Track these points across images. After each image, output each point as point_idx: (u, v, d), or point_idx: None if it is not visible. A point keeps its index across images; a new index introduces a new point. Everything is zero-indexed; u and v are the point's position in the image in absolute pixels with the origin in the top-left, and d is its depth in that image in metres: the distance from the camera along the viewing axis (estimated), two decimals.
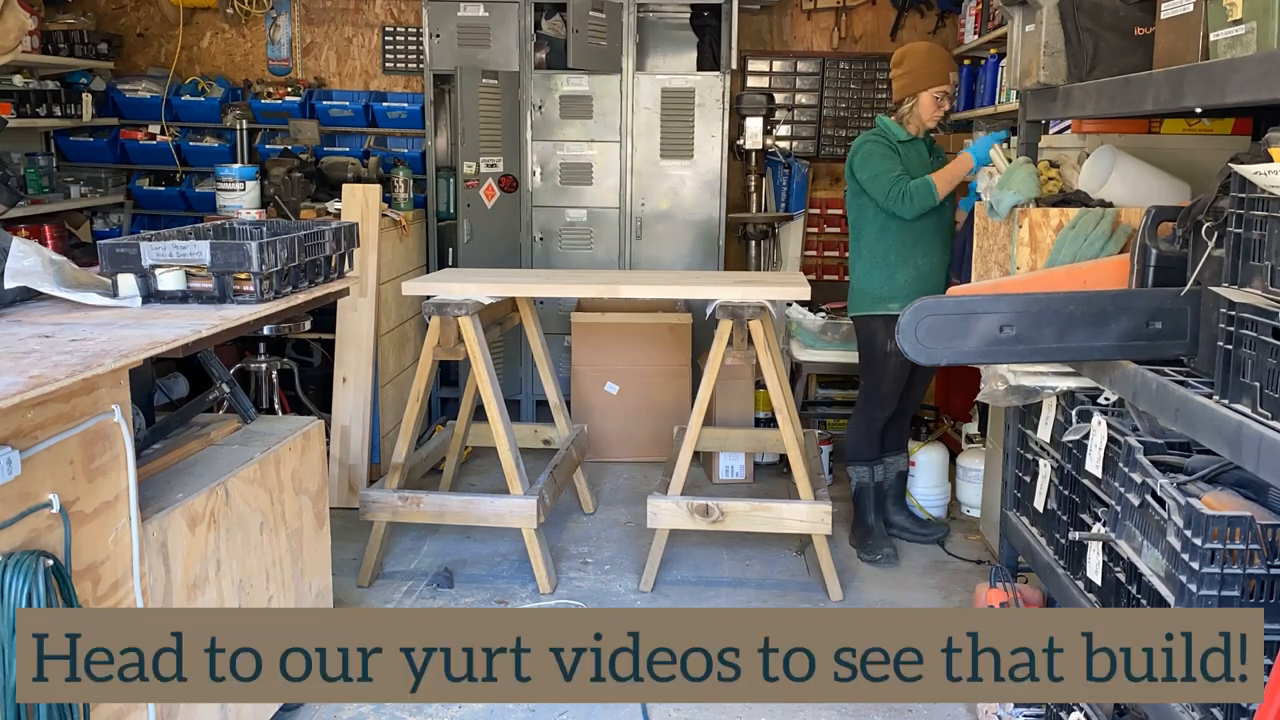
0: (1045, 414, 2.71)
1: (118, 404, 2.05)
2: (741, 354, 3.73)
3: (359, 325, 4.69)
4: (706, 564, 4.10)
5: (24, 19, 2.85)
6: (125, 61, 6.31)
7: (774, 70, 6.37)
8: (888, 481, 4.34)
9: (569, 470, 4.33)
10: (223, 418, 2.94)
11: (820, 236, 6.40)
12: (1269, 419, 1.71)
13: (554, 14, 5.70)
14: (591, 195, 5.68)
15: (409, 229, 5.27)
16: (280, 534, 2.79)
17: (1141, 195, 2.70)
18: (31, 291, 2.41)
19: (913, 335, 2.21)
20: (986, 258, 2.96)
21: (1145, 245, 2.27)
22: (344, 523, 4.14)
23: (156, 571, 2.21)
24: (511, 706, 3.05)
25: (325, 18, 6.27)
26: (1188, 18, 2.09)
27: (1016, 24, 2.93)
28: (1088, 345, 2.20)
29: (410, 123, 6.02)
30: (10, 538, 1.76)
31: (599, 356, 5.29)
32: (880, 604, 3.79)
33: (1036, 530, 2.80)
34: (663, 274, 5.10)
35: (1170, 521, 1.86)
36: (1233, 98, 1.83)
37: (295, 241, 2.65)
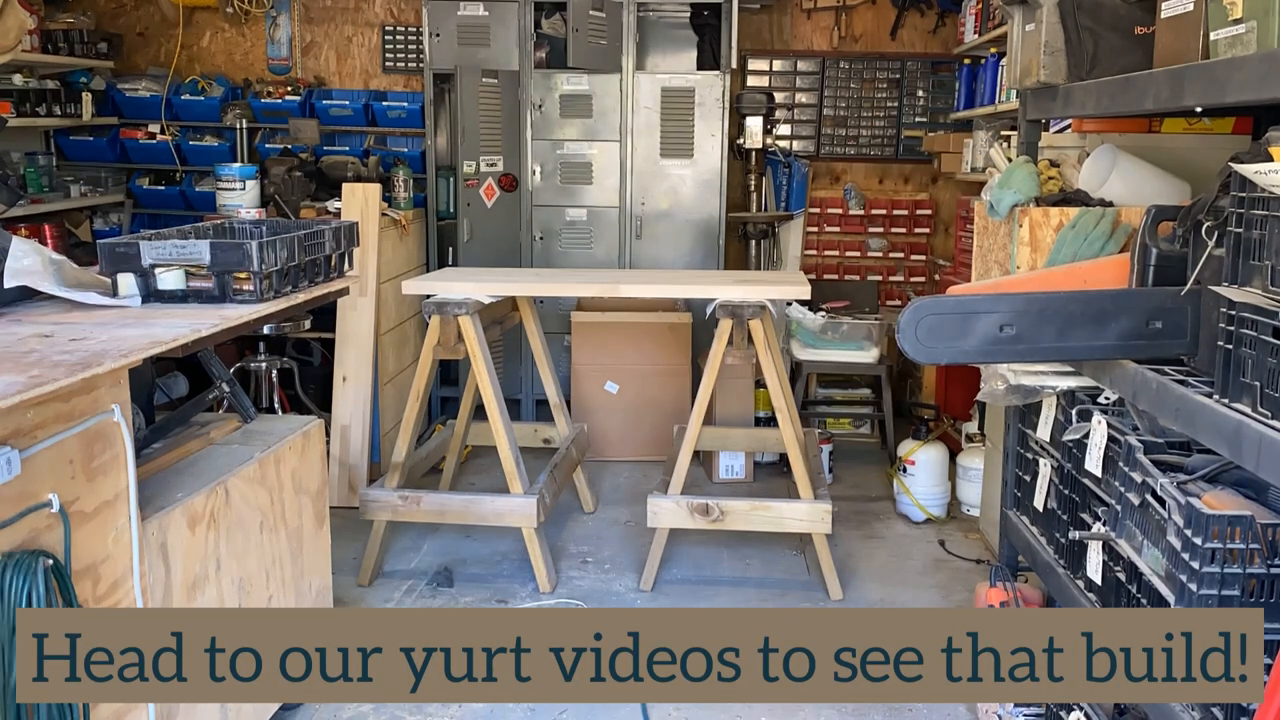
0: (1045, 413, 2.71)
1: (117, 403, 2.05)
2: (741, 353, 3.73)
3: (359, 325, 4.69)
4: (706, 563, 4.10)
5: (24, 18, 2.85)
6: (125, 61, 6.31)
7: (774, 70, 6.37)
8: None
9: (569, 470, 4.33)
10: (223, 417, 2.94)
11: (820, 236, 6.40)
12: (1269, 418, 1.71)
13: (554, 13, 5.70)
14: (591, 195, 5.68)
15: (409, 228, 5.27)
16: (280, 533, 2.79)
17: (1141, 195, 2.70)
18: (31, 291, 2.41)
19: (913, 334, 2.21)
20: (986, 257, 2.96)
21: (1145, 245, 2.27)
22: (344, 522, 4.14)
23: (156, 571, 2.21)
24: (511, 706, 3.05)
25: (325, 17, 6.27)
26: (1188, 17, 2.09)
27: (1016, 23, 2.93)
28: (1088, 345, 2.20)
29: (410, 122, 6.02)
30: (10, 537, 1.76)
31: (599, 356, 5.29)
32: (880, 604, 3.79)
33: (1036, 529, 2.80)
34: (663, 273, 5.10)
35: (1170, 521, 1.86)
36: (1233, 97, 1.83)
37: (295, 241, 2.65)
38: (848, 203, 6.39)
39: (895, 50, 6.31)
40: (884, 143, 6.42)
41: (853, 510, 4.66)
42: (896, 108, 6.36)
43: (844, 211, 6.40)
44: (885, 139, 6.41)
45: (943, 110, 6.32)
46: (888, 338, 5.13)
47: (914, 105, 6.37)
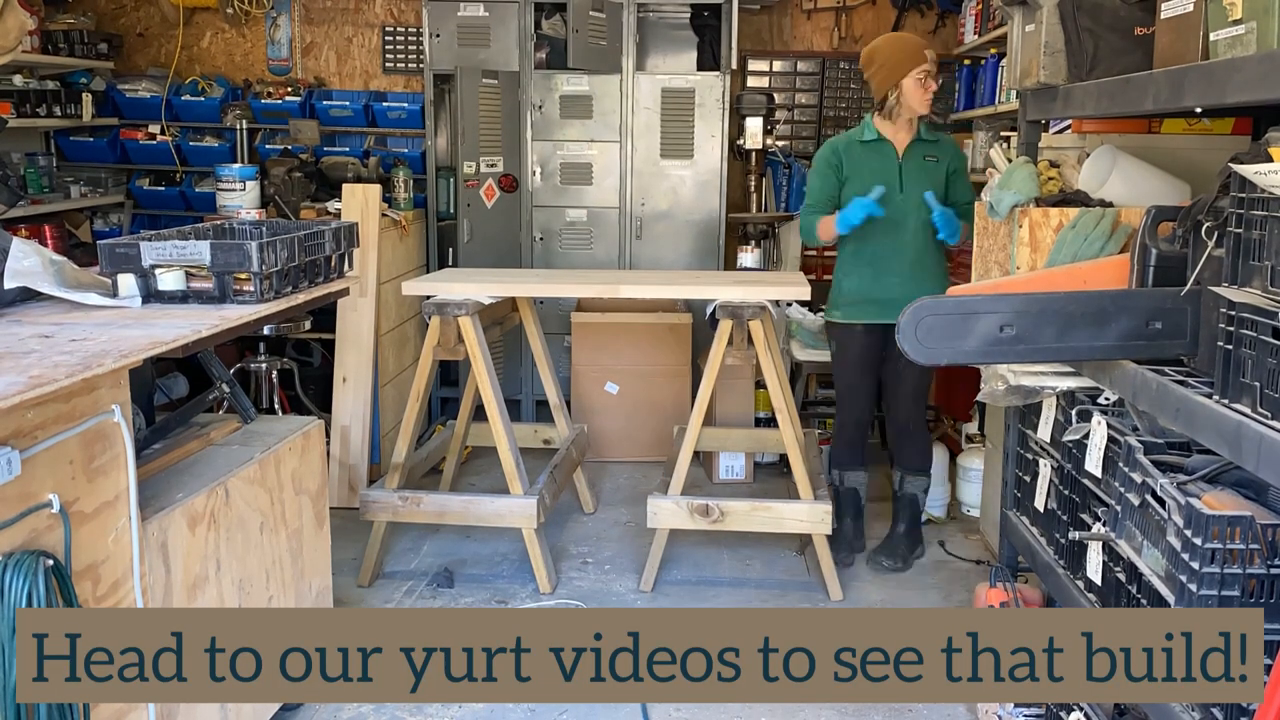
0: (1045, 414, 2.71)
1: (118, 404, 2.05)
2: (741, 354, 3.73)
3: (359, 325, 4.69)
4: (706, 564, 4.10)
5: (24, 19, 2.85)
6: (125, 61, 6.31)
7: (774, 70, 6.37)
8: (902, 498, 4.15)
9: (569, 470, 4.33)
10: (223, 418, 2.94)
11: None
12: (1269, 419, 1.71)
13: (554, 14, 5.70)
14: (591, 195, 5.68)
15: (409, 229, 5.27)
16: (280, 534, 2.79)
17: (1141, 195, 2.70)
18: (31, 291, 2.41)
19: (912, 335, 2.21)
20: (986, 258, 2.96)
21: (1145, 245, 2.27)
22: (344, 523, 4.14)
23: (156, 571, 2.21)
24: (511, 706, 3.05)
25: (325, 17, 6.28)
26: (1188, 17, 2.09)
27: (1016, 24, 2.93)
28: (1088, 345, 2.20)
29: (410, 123, 6.02)
30: (10, 538, 1.76)
31: (599, 356, 5.29)
32: (880, 604, 3.79)
33: (1036, 530, 2.80)
34: (663, 274, 5.09)
35: (1170, 521, 1.86)
36: (1233, 98, 1.83)
37: (295, 241, 2.65)
38: None
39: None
40: None
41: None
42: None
43: None
44: None
45: (942, 111, 6.31)
46: None
47: None
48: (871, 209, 3.67)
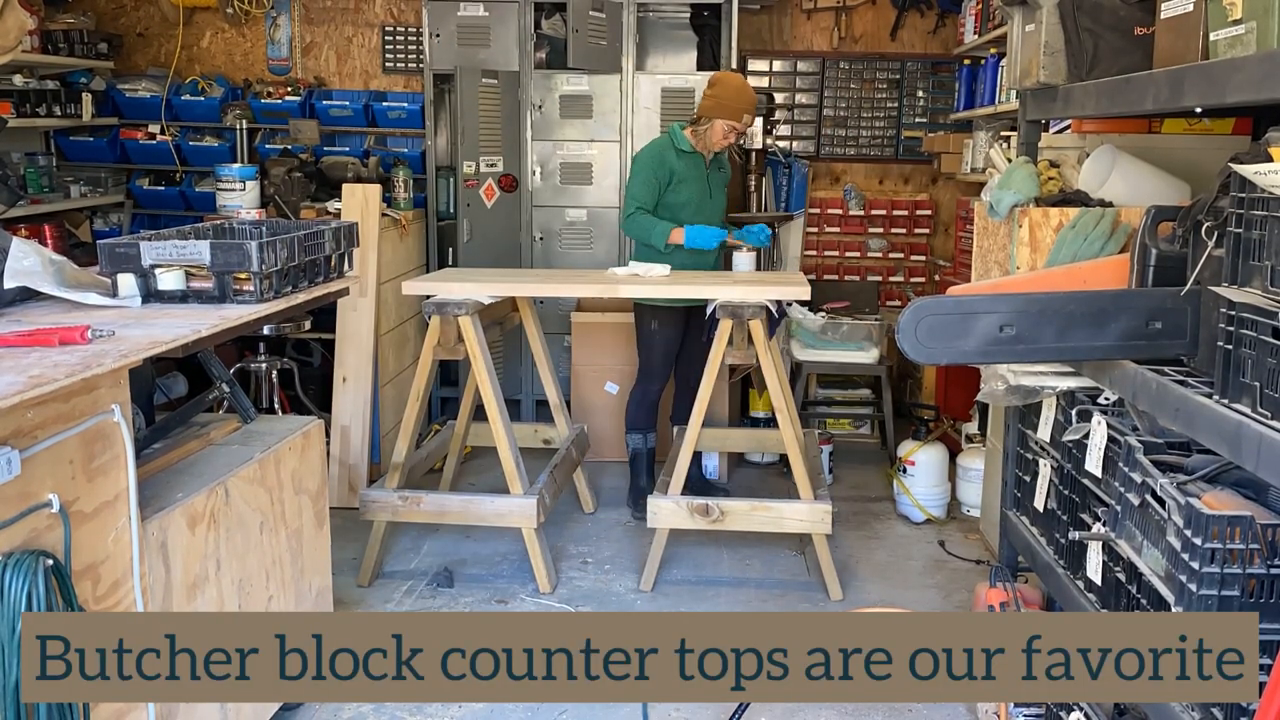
0: (1045, 414, 2.71)
1: (117, 404, 2.05)
2: (742, 353, 3.73)
3: (359, 325, 4.69)
4: (706, 564, 4.10)
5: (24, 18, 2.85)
6: (125, 61, 6.31)
7: (774, 70, 6.37)
8: None
9: (569, 470, 4.33)
10: (223, 417, 2.94)
11: (820, 236, 6.41)
12: (1269, 419, 1.71)
13: (554, 14, 5.70)
14: (591, 195, 5.68)
15: (409, 229, 5.27)
16: (280, 534, 2.79)
17: (1141, 195, 2.70)
18: (31, 291, 2.41)
19: (912, 335, 2.20)
20: (986, 258, 2.96)
21: (1145, 245, 2.27)
22: (344, 522, 4.14)
23: (156, 571, 2.21)
24: (511, 706, 3.05)
25: (325, 17, 6.27)
26: (1188, 17, 2.09)
27: (1016, 24, 2.93)
28: (1088, 345, 2.20)
29: (410, 122, 6.02)
30: (10, 537, 1.76)
31: (599, 356, 5.29)
32: (880, 604, 3.79)
33: (1036, 530, 2.80)
34: None
35: (1170, 521, 1.86)
36: (1233, 98, 1.83)
37: (295, 241, 2.65)
38: (847, 203, 6.40)
39: (895, 51, 6.32)
40: (884, 143, 6.42)
41: (853, 511, 4.67)
42: (896, 108, 6.37)
43: (844, 212, 6.40)
44: (885, 139, 6.42)
45: (943, 111, 6.32)
46: (888, 338, 5.13)
47: (914, 106, 6.37)
48: (722, 237, 4.34)
